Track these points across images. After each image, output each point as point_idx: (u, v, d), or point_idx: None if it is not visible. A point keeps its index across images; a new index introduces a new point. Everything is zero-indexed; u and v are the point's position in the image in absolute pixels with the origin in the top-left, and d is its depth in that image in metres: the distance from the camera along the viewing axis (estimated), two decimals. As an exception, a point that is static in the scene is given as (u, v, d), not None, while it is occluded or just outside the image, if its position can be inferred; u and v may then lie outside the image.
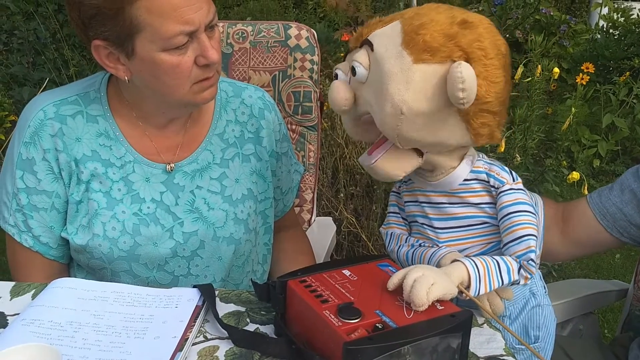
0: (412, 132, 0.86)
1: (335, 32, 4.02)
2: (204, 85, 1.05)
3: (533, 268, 0.90)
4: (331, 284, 0.86)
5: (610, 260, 2.77)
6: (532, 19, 4.46)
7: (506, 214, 0.91)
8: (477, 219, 0.95)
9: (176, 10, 0.96)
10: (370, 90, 0.88)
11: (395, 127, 0.85)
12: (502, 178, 0.92)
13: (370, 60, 0.88)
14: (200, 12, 0.98)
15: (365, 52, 0.89)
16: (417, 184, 0.99)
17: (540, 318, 1.00)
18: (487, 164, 0.94)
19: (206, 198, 1.16)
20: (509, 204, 0.91)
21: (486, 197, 0.94)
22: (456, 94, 0.80)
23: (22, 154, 1.09)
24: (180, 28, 0.97)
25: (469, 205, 0.95)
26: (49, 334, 0.84)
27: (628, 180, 1.15)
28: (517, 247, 0.89)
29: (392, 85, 0.83)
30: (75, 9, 0.99)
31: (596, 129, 3.64)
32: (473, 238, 0.95)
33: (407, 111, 0.83)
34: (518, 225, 0.90)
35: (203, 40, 1.00)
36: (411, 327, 0.76)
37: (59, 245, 1.14)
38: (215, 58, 1.02)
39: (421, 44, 0.82)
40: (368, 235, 2.39)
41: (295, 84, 1.57)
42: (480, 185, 0.94)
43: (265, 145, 1.24)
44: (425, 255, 0.96)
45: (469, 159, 0.95)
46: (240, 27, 1.60)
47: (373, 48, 0.87)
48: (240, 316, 0.93)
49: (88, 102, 1.12)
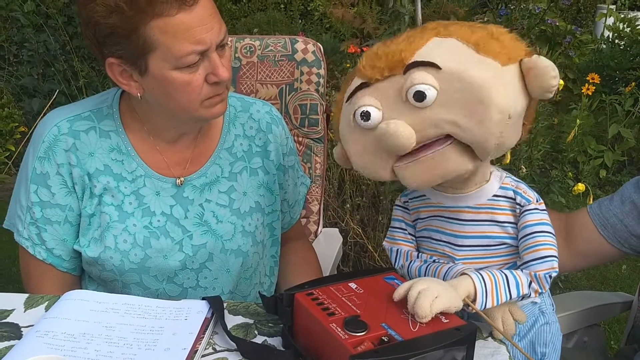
0: (513, 137, 0.86)
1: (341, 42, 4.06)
2: (214, 101, 1.08)
3: (547, 285, 0.90)
4: (338, 296, 0.87)
5: (616, 271, 2.77)
6: (537, 29, 4.48)
7: (529, 232, 0.91)
8: (498, 240, 0.94)
9: (189, 30, 0.98)
10: (451, 109, 0.82)
11: (500, 136, 0.82)
12: (529, 196, 0.92)
13: (438, 79, 0.82)
14: (211, 32, 1.01)
15: (427, 73, 0.82)
16: (435, 199, 0.97)
17: (548, 335, 1.00)
18: (515, 181, 0.95)
19: (215, 211, 1.18)
20: (534, 224, 0.91)
21: (510, 216, 0.93)
22: (551, 82, 0.83)
23: (36, 169, 1.12)
24: (192, 47, 0.99)
25: (493, 223, 0.94)
26: (63, 345, 0.86)
27: (629, 191, 1.16)
28: (540, 267, 0.90)
29: (493, 92, 0.80)
30: (91, 28, 1.02)
31: (602, 140, 3.64)
32: (492, 258, 0.95)
33: (514, 113, 0.83)
34: (542, 246, 0.90)
35: (214, 59, 1.03)
36: (416, 340, 0.78)
37: (71, 257, 1.16)
38: (226, 76, 1.04)
39: (500, 48, 0.84)
40: (374, 246, 2.40)
41: (302, 97, 1.59)
42: (507, 203, 0.93)
43: (273, 158, 1.26)
44: (440, 271, 0.95)
45: (497, 174, 0.95)
46: (248, 41, 1.62)
47: (439, 66, 0.82)
48: (249, 328, 0.95)
49: (101, 117, 1.15)
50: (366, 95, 0.87)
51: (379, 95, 0.86)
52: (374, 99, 0.86)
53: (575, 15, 5.83)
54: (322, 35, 4.87)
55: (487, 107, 0.80)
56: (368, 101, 0.86)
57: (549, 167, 2.48)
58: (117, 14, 0.98)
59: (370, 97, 0.86)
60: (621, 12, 5.21)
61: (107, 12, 0.98)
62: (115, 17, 0.98)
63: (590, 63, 4.31)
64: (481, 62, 0.83)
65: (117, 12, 0.98)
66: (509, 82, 0.83)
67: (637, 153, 3.75)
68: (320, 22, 5.57)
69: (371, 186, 2.49)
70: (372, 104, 0.86)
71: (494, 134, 0.81)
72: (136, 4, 0.97)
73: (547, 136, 2.47)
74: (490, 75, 0.81)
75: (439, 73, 0.82)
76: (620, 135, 3.58)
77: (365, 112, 0.85)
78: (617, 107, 3.66)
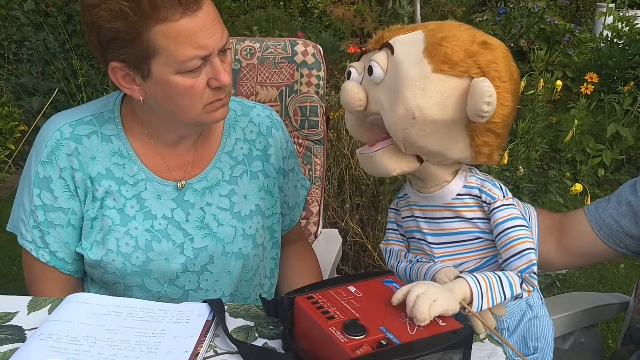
0: (419, 138, 0.89)
1: (340, 41, 4.06)
2: (215, 106, 1.09)
3: (534, 281, 0.92)
4: (337, 300, 0.89)
5: (614, 270, 2.78)
6: (536, 27, 4.49)
7: (502, 230, 0.94)
8: (470, 234, 0.98)
9: (191, 35, 1.00)
10: (385, 92, 0.91)
11: (404, 130, 0.89)
12: (494, 194, 0.95)
13: (388, 62, 0.91)
14: (214, 37, 1.02)
15: (385, 55, 0.91)
16: (413, 198, 1.02)
17: (538, 329, 1.02)
18: (480, 180, 0.97)
19: (215, 214, 1.20)
20: (504, 220, 0.94)
21: (479, 212, 0.97)
22: (481, 107, 0.84)
23: (39, 173, 1.13)
24: (195, 52, 1.01)
25: (463, 220, 0.97)
26: (66, 348, 0.87)
27: (625, 192, 1.18)
28: (519, 262, 0.92)
29: (408, 90, 0.87)
30: (95, 32, 1.03)
31: (601, 138, 3.66)
32: (467, 253, 0.98)
33: (419, 116, 0.87)
34: (516, 240, 0.92)
35: (216, 64, 1.04)
36: (414, 343, 0.79)
37: (74, 260, 1.17)
38: (227, 81, 1.06)
39: (442, 55, 0.86)
40: (373, 245, 2.41)
41: (301, 99, 1.60)
42: (473, 200, 0.97)
43: (273, 162, 1.27)
44: (422, 270, 0.99)
45: (462, 174, 0.98)
46: (248, 43, 1.63)
47: (393, 52, 0.90)
48: (249, 331, 0.96)
49: (102, 122, 1.16)
50: (361, 58, 0.98)
51: (365, 61, 0.96)
52: (361, 63, 0.97)
53: (574, 13, 5.84)
54: (321, 34, 4.88)
55: (399, 101, 0.88)
56: (356, 64, 0.98)
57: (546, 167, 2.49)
58: (121, 18, 0.99)
59: (359, 62, 0.98)
60: (620, 11, 5.22)
61: (111, 17, 0.99)
62: (119, 21, 0.99)
63: (589, 62, 4.32)
64: (418, 61, 0.88)
65: (121, 17, 0.99)
66: (430, 88, 0.87)
67: (636, 152, 3.76)
68: (320, 20, 5.57)
69: (370, 186, 2.50)
70: (356, 67, 0.97)
71: (398, 127, 0.89)
72: (140, 9, 0.98)
73: (545, 135, 2.48)
74: (414, 75, 0.87)
75: (391, 58, 0.91)
76: (619, 134, 3.60)
77: (349, 71, 0.97)
78: (616, 106, 3.67)
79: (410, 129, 0.88)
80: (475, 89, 0.84)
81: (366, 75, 0.94)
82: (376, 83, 0.92)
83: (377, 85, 0.92)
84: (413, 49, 0.89)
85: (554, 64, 4.47)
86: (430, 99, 0.86)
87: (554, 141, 3.18)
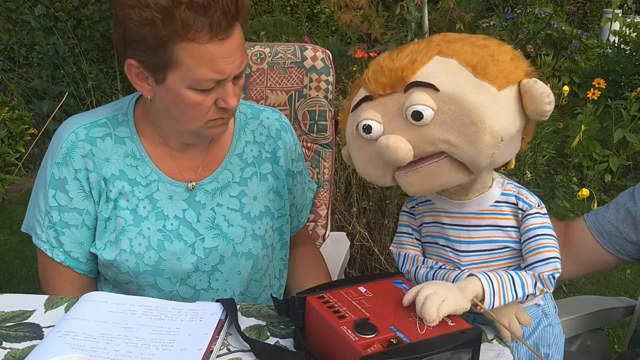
0: (507, 154, 0.90)
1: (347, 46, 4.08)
2: (217, 123, 1.12)
3: (551, 285, 0.93)
4: (348, 300, 0.90)
5: (621, 275, 2.78)
6: (543, 33, 4.50)
7: (532, 235, 0.94)
8: (501, 244, 0.97)
9: (213, 60, 1.02)
10: (445, 129, 0.86)
11: (491, 156, 0.86)
12: (530, 202, 0.96)
13: (435, 100, 0.86)
14: (233, 64, 1.04)
15: (426, 94, 0.86)
16: (439, 205, 1.00)
17: (551, 336, 1.02)
18: (517, 187, 0.98)
19: (226, 215, 1.21)
20: (536, 227, 0.94)
21: (512, 220, 0.96)
22: (545, 107, 0.87)
23: (54, 174, 1.15)
24: (212, 75, 1.03)
25: (496, 228, 0.97)
26: (83, 346, 0.89)
27: (624, 199, 1.20)
28: (544, 268, 0.92)
29: (487, 116, 0.84)
30: (122, 27, 1.04)
31: (607, 144, 3.66)
32: (496, 261, 0.97)
33: (507, 137, 0.86)
34: (545, 248, 0.93)
35: (227, 88, 1.07)
36: (423, 342, 0.81)
37: (88, 260, 1.19)
38: (234, 105, 1.08)
39: (496, 71, 0.87)
40: (380, 249, 2.43)
41: (310, 103, 1.62)
42: (509, 208, 0.96)
43: (282, 164, 1.29)
44: (448, 278, 0.97)
45: (499, 181, 0.98)
46: (258, 48, 1.66)
47: (437, 88, 0.86)
48: (261, 330, 0.98)
49: (116, 124, 1.18)
50: (369, 108, 0.91)
51: (381, 109, 0.90)
52: (377, 113, 0.90)
53: (581, 19, 5.85)
54: (328, 39, 4.91)
55: (479, 130, 0.84)
56: (370, 115, 0.90)
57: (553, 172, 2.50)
58: (150, 27, 1.00)
59: (373, 111, 0.90)
60: (627, 17, 5.22)
61: (141, 23, 1.00)
62: (148, 29, 1.00)
63: (596, 68, 4.32)
64: (478, 85, 0.86)
65: (150, 26, 1.00)
66: (504, 106, 0.87)
67: (642, 158, 3.76)
68: (326, 25, 5.60)
69: (377, 190, 2.51)
70: (374, 118, 0.90)
71: (486, 155, 0.86)
72: (172, 24, 0.99)
73: (552, 141, 2.49)
74: (484, 100, 0.85)
75: (436, 94, 0.86)
76: (626, 140, 3.60)
77: (367, 125, 0.90)
78: (623, 112, 3.67)
79: (497, 152, 0.86)
80: (535, 91, 0.87)
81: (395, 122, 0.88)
82: (420, 125, 0.86)
83: (426, 127, 0.86)
84: (457, 76, 0.87)
85: (561, 69, 4.48)
86: (508, 116, 0.87)
87: (561, 146, 3.19)
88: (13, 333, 0.97)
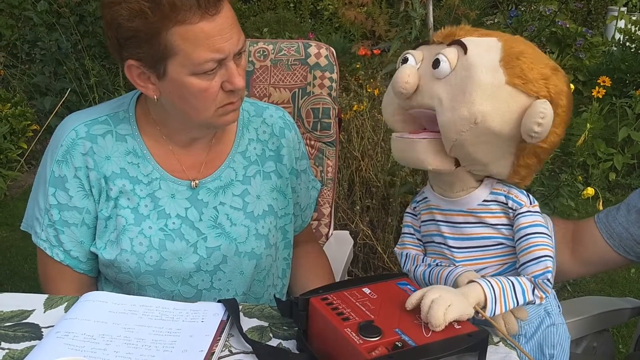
0: (470, 144, 0.89)
1: (351, 43, 4.06)
2: (227, 109, 1.10)
3: (548, 287, 0.92)
4: (352, 301, 0.89)
5: (625, 274, 2.77)
6: (548, 31, 4.48)
7: (523, 235, 0.94)
8: (493, 240, 0.97)
9: (209, 39, 1.01)
10: (447, 89, 0.89)
11: (459, 133, 0.88)
12: (521, 201, 0.95)
13: (458, 61, 0.89)
14: (230, 41, 1.03)
15: (456, 52, 0.90)
16: (434, 202, 1.02)
17: (555, 337, 1.02)
18: (507, 187, 0.97)
19: (229, 214, 1.20)
20: (527, 226, 0.94)
21: (503, 218, 0.97)
22: (532, 127, 0.85)
23: (54, 172, 1.14)
24: (211, 55, 1.02)
25: (486, 225, 0.97)
26: (83, 347, 0.88)
27: (634, 200, 1.18)
28: (535, 267, 0.92)
29: (477, 94, 0.86)
30: (113, 30, 1.04)
31: (612, 143, 3.64)
32: (489, 258, 0.98)
33: (480, 122, 0.86)
34: (536, 247, 0.92)
35: (230, 68, 1.05)
36: (429, 346, 0.79)
37: (88, 259, 1.18)
38: (241, 84, 1.07)
39: (518, 69, 0.87)
40: (384, 247, 2.41)
41: (314, 101, 1.61)
42: (499, 207, 0.96)
43: (286, 163, 1.28)
44: (442, 274, 0.98)
45: (489, 180, 0.98)
46: (261, 45, 1.64)
47: (466, 51, 0.89)
48: (264, 331, 0.97)
49: (117, 122, 1.17)
50: (419, 48, 0.97)
51: (425, 52, 0.95)
52: (420, 53, 0.95)
53: (586, 17, 5.82)
54: (331, 36, 4.89)
55: (463, 101, 0.87)
56: (414, 52, 0.96)
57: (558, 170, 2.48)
58: (140, 18, 1.00)
59: (419, 51, 0.96)
60: (632, 14, 5.19)
61: (131, 16, 1.01)
62: (139, 21, 1.01)
63: (601, 65, 4.30)
64: (493, 68, 0.87)
65: (140, 17, 1.00)
66: (500, 98, 0.86)
67: (647, 156, 3.73)
68: (330, 22, 5.58)
69: (381, 188, 2.50)
70: (415, 55, 0.95)
71: (454, 127, 0.88)
72: (160, 10, 0.99)
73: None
74: (487, 80, 0.86)
75: (462, 57, 0.89)
76: (630, 138, 3.58)
77: (406, 57, 0.95)
78: (628, 110, 3.65)
79: (466, 132, 0.87)
80: (533, 108, 0.85)
81: (426, 66, 0.92)
82: (437, 78, 0.90)
83: (438, 80, 0.90)
84: (488, 54, 0.88)
85: (566, 67, 4.46)
86: (497, 109, 0.86)
87: (566, 145, 3.16)
88: (12, 333, 0.95)
